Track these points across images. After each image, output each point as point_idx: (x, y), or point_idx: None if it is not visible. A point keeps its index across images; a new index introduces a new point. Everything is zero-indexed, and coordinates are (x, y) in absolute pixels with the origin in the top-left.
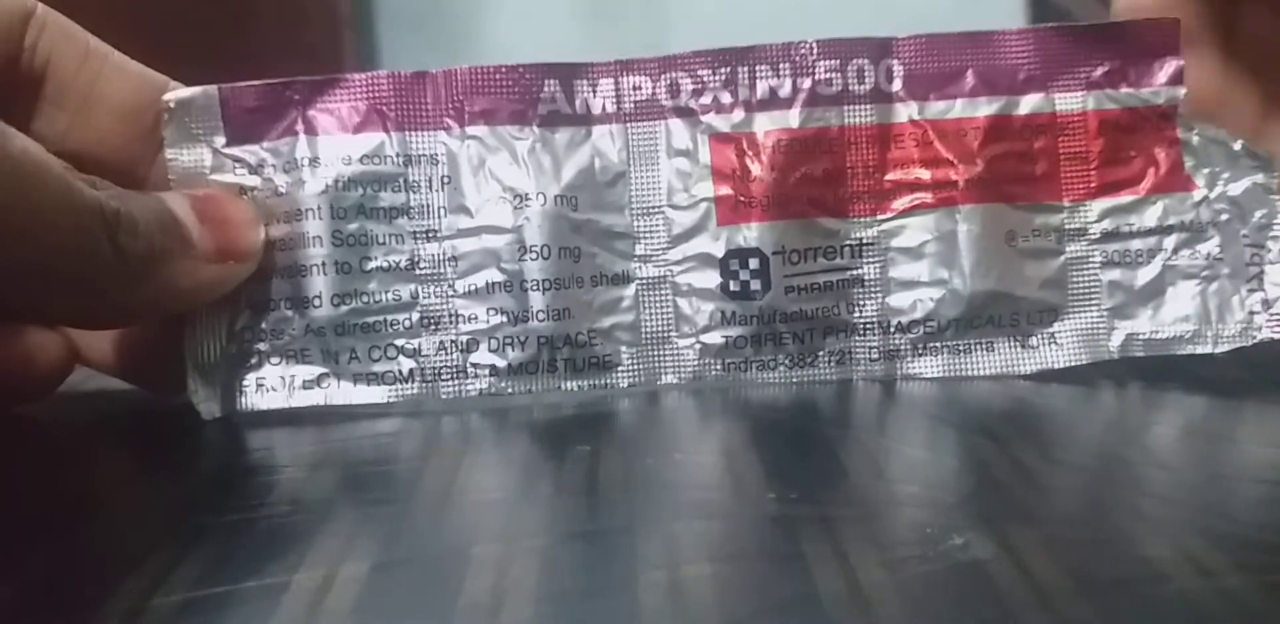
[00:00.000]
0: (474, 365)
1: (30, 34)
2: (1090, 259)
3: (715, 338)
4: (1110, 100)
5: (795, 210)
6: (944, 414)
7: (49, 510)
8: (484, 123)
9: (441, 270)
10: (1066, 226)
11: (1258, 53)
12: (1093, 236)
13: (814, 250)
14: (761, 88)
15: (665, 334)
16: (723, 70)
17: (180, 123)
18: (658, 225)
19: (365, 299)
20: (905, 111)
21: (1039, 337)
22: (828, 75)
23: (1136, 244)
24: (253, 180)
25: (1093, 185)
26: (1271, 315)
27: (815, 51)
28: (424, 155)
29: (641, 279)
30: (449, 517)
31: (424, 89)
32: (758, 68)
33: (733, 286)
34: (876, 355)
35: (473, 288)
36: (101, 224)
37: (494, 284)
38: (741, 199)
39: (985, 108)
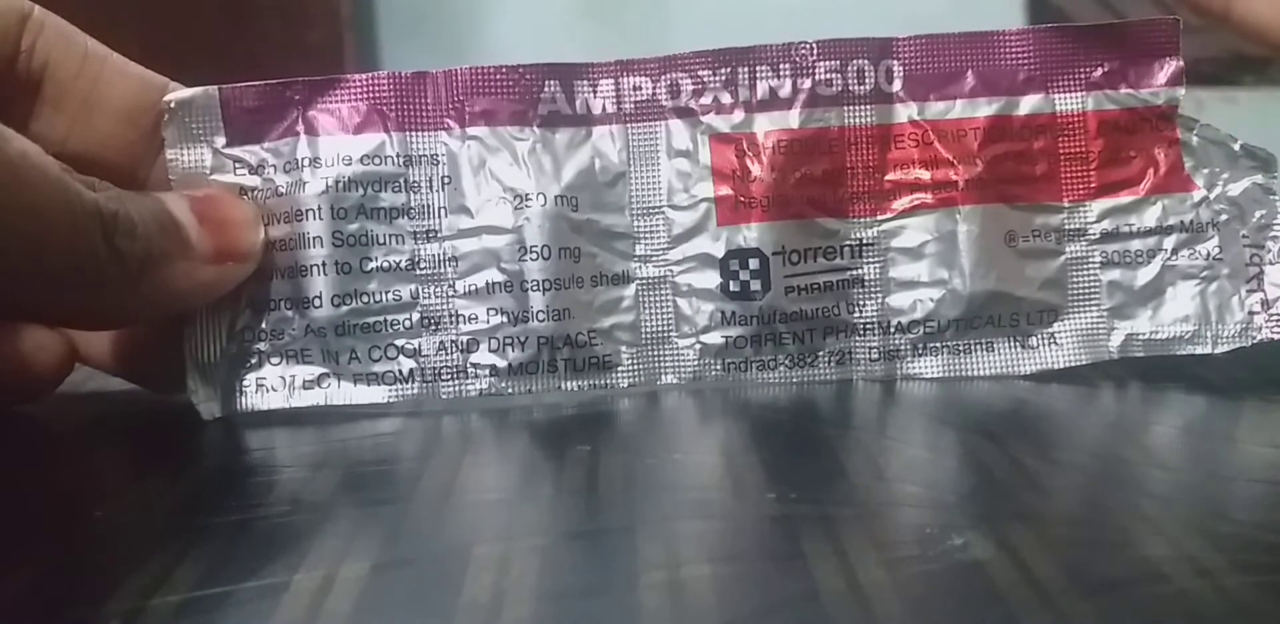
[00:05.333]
0: (474, 365)
1: (27, 37)
2: (1090, 259)
3: (715, 338)
4: (1110, 101)
5: (795, 211)
6: (944, 414)
7: (49, 510)
8: (484, 123)
9: (442, 270)
10: (1066, 227)
11: None
12: (1092, 237)
13: (814, 250)
14: (761, 88)
15: (665, 334)
16: (723, 71)
17: (180, 123)
18: (658, 225)
19: (365, 299)
20: (905, 112)
21: (1039, 337)
22: (828, 76)
23: (1136, 244)
24: (253, 180)
25: (1092, 186)
26: (1271, 315)
27: (815, 52)
28: (424, 156)
29: (641, 279)
30: (449, 517)
31: (424, 89)
32: (758, 68)
33: (733, 287)
34: (876, 355)
35: (473, 288)
36: (99, 226)
37: (494, 284)
38: (741, 199)
39: (985, 108)
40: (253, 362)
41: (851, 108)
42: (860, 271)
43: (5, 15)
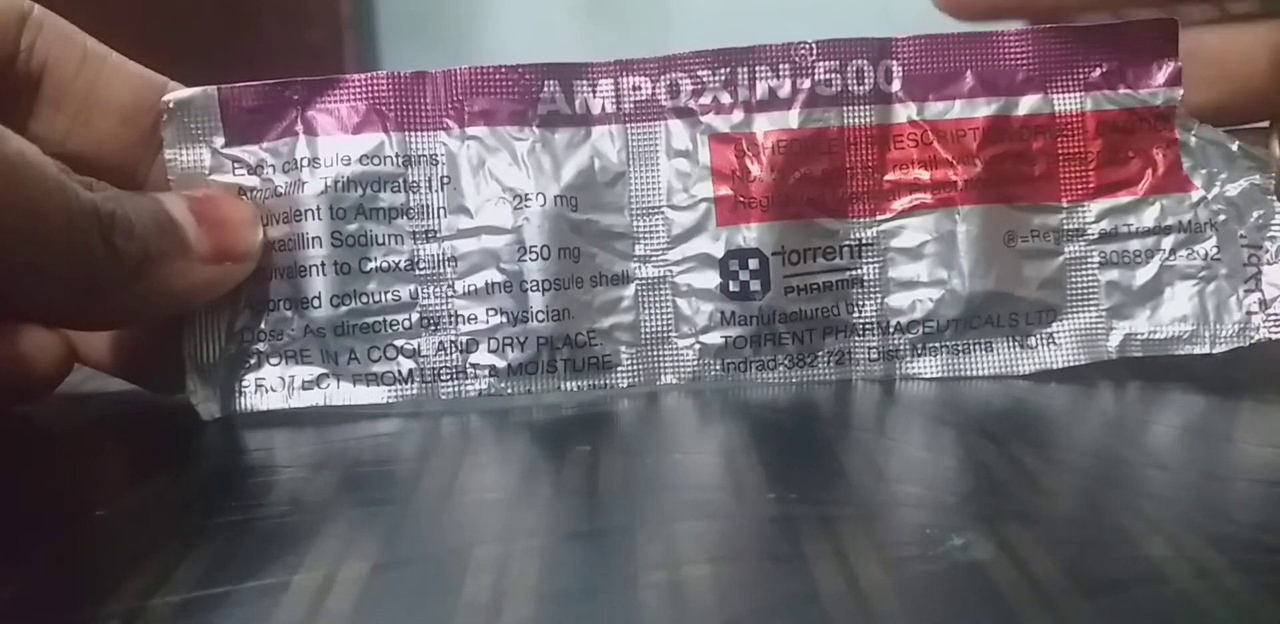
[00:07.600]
0: (474, 366)
1: (26, 36)
2: (1088, 259)
3: (715, 338)
4: (1108, 101)
5: (795, 211)
6: (943, 414)
7: (49, 510)
8: (483, 123)
9: (441, 271)
10: (1065, 227)
11: None
12: (1091, 237)
13: (813, 251)
14: (761, 88)
15: (665, 334)
16: (722, 71)
17: (179, 123)
18: (657, 226)
19: (365, 299)
20: (904, 112)
21: (1037, 337)
22: (827, 76)
23: (1134, 244)
24: (252, 181)
25: (1091, 186)
26: (1269, 316)
27: (814, 52)
28: (423, 155)
29: (641, 279)
30: (449, 517)
31: (423, 89)
32: (757, 68)
33: (732, 287)
34: (876, 356)
35: (472, 288)
36: (97, 226)
37: (493, 284)
38: (741, 199)
39: (984, 108)
40: (252, 362)
41: (851, 108)
42: (859, 272)
43: (5, 15)
